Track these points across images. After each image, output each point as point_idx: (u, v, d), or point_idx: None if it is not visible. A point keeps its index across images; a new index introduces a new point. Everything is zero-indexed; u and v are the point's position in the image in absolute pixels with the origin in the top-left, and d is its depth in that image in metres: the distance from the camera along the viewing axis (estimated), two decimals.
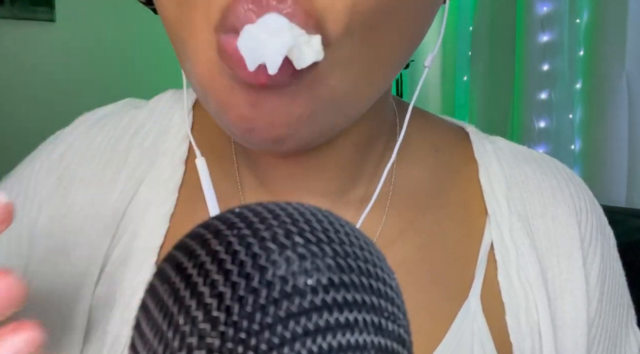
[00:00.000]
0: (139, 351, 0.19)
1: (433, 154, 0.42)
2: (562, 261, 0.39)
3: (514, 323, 0.38)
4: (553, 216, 0.40)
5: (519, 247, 0.39)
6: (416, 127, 0.41)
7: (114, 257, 0.39)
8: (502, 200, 0.40)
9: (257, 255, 0.18)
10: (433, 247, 0.39)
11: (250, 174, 0.40)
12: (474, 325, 0.37)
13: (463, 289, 0.38)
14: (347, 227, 0.21)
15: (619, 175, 1.53)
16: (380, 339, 0.18)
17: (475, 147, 0.43)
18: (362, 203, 0.39)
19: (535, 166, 0.43)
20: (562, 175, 0.43)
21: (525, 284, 0.38)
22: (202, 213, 0.39)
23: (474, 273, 0.39)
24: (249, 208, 0.20)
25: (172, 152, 0.41)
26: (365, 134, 0.38)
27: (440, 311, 0.38)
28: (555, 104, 1.63)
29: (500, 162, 0.42)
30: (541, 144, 1.65)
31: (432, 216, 0.40)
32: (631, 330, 0.43)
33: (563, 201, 0.41)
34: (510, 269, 0.38)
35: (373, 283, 0.19)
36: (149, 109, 0.44)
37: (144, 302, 0.20)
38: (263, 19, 0.26)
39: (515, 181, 0.41)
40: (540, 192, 0.41)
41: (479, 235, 0.40)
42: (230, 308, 0.17)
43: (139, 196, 0.40)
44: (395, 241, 0.39)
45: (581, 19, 1.62)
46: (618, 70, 1.51)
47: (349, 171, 0.38)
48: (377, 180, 0.39)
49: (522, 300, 0.38)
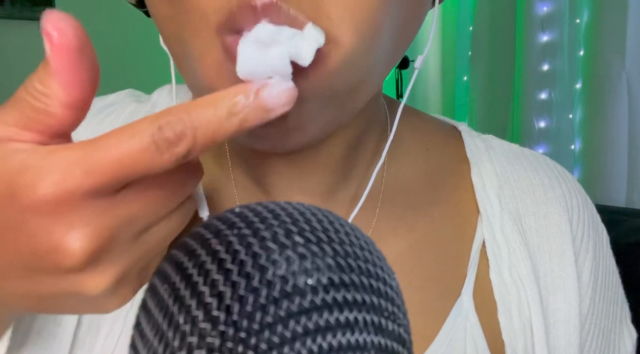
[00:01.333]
0: (139, 350, 0.19)
1: (424, 152, 0.42)
2: (554, 258, 0.40)
3: (506, 321, 0.38)
4: (544, 213, 0.41)
5: (511, 245, 0.39)
6: (408, 127, 0.42)
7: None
8: (493, 198, 0.40)
9: (257, 255, 0.18)
10: (425, 246, 0.39)
11: (243, 173, 0.39)
12: (467, 324, 0.37)
13: (455, 288, 0.38)
14: (347, 227, 0.21)
15: (619, 175, 1.53)
16: (380, 339, 0.18)
17: (467, 146, 0.43)
18: (352, 202, 0.39)
19: (527, 164, 0.43)
20: (553, 173, 0.43)
21: (518, 282, 0.38)
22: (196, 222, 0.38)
23: (466, 271, 0.39)
24: (249, 208, 0.20)
25: None
26: (357, 133, 0.38)
27: (433, 309, 0.38)
28: (555, 104, 1.63)
29: (492, 161, 0.42)
30: (541, 144, 1.65)
31: (424, 214, 0.40)
32: (625, 327, 0.44)
33: (554, 198, 0.41)
34: (502, 266, 0.39)
35: (373, 282, 0.19)
36: (152, 103, 0.43)
37: (145, 301, 0.20)
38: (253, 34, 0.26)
39: (507, 179, 0.42)
40: (531, 190, 0.41)
41: (471, 233, 0.40)
42: (230, 307, 0.17)
43: None
44: (387, 239, 0.39)
45: (581, 19, 1.62)
46: (618, 70, 1.51)
47: (341, 170, 0.38)
48: (368, 179, 0.39)
49: (514, 298, 0.38)
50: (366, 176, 0.39)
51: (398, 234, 0.39)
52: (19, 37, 2.15)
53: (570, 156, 1.63)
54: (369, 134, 0.39)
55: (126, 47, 2.30)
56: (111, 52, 2.29)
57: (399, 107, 0.40)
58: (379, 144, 0.40)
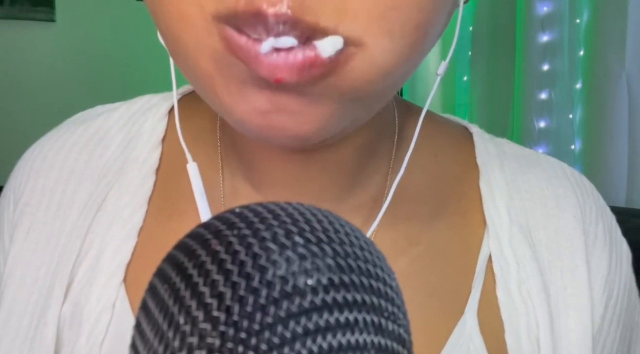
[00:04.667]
0: (140, 350, 0.19)
1: (433, 159, 0.39)
2: (566, 274, 0.37)
3: (514, 342, 0.35)
4: (555, 227, 0.38)
5: (520, 260, 0.36)
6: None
7: (80, 275, 0.37)
8: (502, 209, 0.38)
9: (257, 255, 0.18)
10: (429, 260, 0.37)
11: (243, 181, 0.38)
12: (470, 345, 0.35)
13: (459, 305, 0.36)
14: (347, 227, 0.21)
15: (619, 175, 1.53)
16: (380, 339, 0.18)
17: (478, 151, 0.40)
18: (358, 211, 0.37)
19: (540, 172, 0.40)
20: (569, 181, 0.40)
21: (527, 300, 0.36)
22: (174, 226, 0.37)
23: (470, 288, 0.36)
24: (249, 208, 0.20)
25: (143, 161, 0.39)
26: (366, 139, 0.36)
27: (435, 328, 0.35)
28: (555, 104, 1.63)
29: (503, 168, 0.39)
30: (541, 144, 1.65)
31: (429, 225, 0.38)
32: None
33: (568, 210, 0.38)
34: (510, 283, 0.36)
35: (373, 282, 0.19)
36: (120, 113, 0.41)
37: (145, 302, 0.20)
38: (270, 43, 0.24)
39: (518, 189, 0.39)
40: (543, 202, 0.39)
41: (477, 247, 0.37)
42: (230, 307, 0.17)
43: (105, 208, 0.38)
44: (387, 253, 0.37)
45: (581, 19, 1.62)
46: (618, 70, 1.51)
47: (346, 179, 0.36)
48: (374, 188, 0.37)
49: (522, 317, 0.35)
50: (371, 184, 0.37)
51: (400, 247, 0.37)
52: (19, 37, 2.15)
53: (570, 156, 1.63)
54: (379, 140, 0.37)
55: (126, 48, 2.30)
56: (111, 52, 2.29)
57: (410, 108, 0.39)
58: (388, 151, 0.38)
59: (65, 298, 0.36)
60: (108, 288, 0.36)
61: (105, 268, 0.36)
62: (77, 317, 0.36)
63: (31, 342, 0.35)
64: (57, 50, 2.22)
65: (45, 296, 0.36)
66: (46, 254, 0.37)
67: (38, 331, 0.36)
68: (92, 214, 0.38)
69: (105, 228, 0.37)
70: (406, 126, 0.39)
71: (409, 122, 0.40)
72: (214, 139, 0.39)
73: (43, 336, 0.35)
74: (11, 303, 0.37)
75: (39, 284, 0.37)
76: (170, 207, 0.38)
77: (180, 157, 0.37)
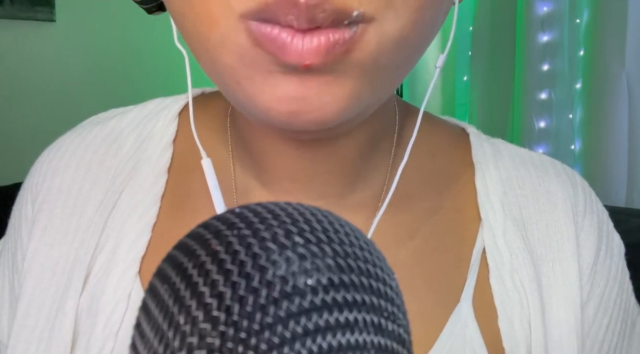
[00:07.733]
0: (140, 350, 0.19)
1: (430, 157, 0.41)
2: (557, 268, 0.39)
3: (507, 327, 0.37)
4: (547, 222, 0.40)
5: (513, 250, 0.38)
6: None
7: (97, 268, 0.38)
8: (497, 204, 0.40)
9: (257, 255, 0.18)
10: (426, 253, 0.38)
11: (254, 178, 0.39)
12: (466, 332, 0.36)
13: (455, 295, 0.38)
14: (347, 227, 0.21)
15: (619, 175, 1.53)
16: (380, 339, 0.18)
17: (474, 150, 0.42)
18: (360, 208, 0.39)
19: (533, 170, 0.42)
20: (560, 178, 0.42)
21: (520, 288, 0.38)
22: (187, 222, 0.38)
23: (465, 278, 0.38)
24: (249, 208, 0.20)
25: (155, 160, 0.41)
26: (369, 135, 0.37)
27: (432, 317, 0.37)
28: (555, 104, 1.63)
29: (498, 166, 0.41)
30: (541, 144, 1.65)
31: (427, 220, 0.39)
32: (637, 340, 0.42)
33: (560, 206, 0.40)
34: (503, 272, 0.38)
35: (373, 282, 0.19)
36: (133, 115, 0.43)
37: (145, 302, 0.20)
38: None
39: (512, 186, 0.41)
40: (535, 197, 0.41)
41: (471, 240, 0.39)
42: (230, 307, 0.17)
43: (120, 205, 0.39)
44: (388, 246, 0.38)
45: (581, 19, 1.62)
46: (618, 70, 1.51)
47: (350, 175, 0.38)
48: (374, 185, 0.39)
49: (516, 304, 0.37)
50: (372, 181, 0.39)
51: (399, 239, 0.39)
52: (19, 37, 2.15)
53: (570, 156, 1.63)
54: (381, 137, 0.39)
55: (126, 48, 2.30)
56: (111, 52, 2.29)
57: (409, 108, 0.40)
58: (390, 148, 0.40)
59: (82, 290, 0.38)
60: (124, 279, 0.38)
61: (121, 261, 0.38)
62: (93, 308, 0.37)
63: (50, 332, 0.37)
64: (57, 50, 2.21)
65: (63, 288, 0.38)
66: (63, 249, 0.39)
67: (57, 322, 0.37)
68: (108, 211, 0.39)
69: (120, 224, 0.39)
70: (406, 125, 0.41)
71: (409, 122, 0.41)
72: (224, 138, 0.41)
73: (61, 326, 0.37)
74: (31, 296, 0.38)
75: (56, 278, 0.38)
76: (182, 204, 0.39)
77: (191, 157, 0.39)
